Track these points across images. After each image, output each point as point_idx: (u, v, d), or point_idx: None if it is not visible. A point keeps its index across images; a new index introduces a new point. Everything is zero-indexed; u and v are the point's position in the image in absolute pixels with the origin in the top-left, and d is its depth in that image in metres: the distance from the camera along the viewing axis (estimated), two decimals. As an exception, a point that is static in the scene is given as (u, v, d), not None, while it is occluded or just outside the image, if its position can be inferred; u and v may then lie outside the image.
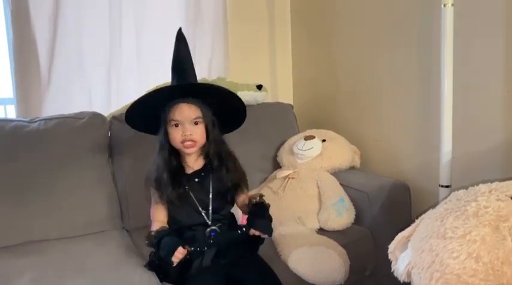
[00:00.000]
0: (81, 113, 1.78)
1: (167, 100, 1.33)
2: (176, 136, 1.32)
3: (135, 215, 1.73)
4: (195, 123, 1.32)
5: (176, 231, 1.34)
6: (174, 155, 1.36)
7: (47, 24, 1.89)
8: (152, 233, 1.28)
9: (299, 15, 2.42)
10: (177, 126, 1.32)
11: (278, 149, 2.00)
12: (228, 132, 1.46)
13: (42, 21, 1.88)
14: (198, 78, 1.42)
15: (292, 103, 2.28)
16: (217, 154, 1.37)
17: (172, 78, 1.37)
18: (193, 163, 1.38)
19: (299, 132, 2.06)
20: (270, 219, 1.34)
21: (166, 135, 1.34)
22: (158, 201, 1.35)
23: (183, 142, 1.32)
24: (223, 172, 1.37)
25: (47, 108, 1.92)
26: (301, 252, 1.46)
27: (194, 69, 1.39)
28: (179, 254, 1.22)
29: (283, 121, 2.11)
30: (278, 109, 2.15)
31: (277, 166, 1.98)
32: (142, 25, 2.06)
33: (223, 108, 1.37)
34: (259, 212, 1.33)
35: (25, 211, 1.57)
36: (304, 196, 1.73)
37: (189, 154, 1.36)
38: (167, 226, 1.34)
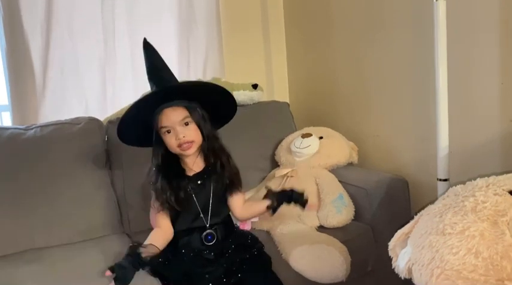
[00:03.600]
0: (78, 119, 1.77)
1: (151, 109, 1.31)
2: (171, 142, 1.31)
3: (135, 219, 1.73)
4: (185, 124, 1.31)
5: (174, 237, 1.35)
6: (172, 161, 1.35)
7: (39, 30, 1.88)
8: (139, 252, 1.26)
9: (293, 12, 2.42)
10: (169, 132, 1.31)
11: (276, 148, 2.00)
12: (223, 124, 1.45)
13: (34, 27, 1.87)
14: (194, 79, 1.40)
15: (288, 101, 2.28)
16: (212, 150, 1.36)
17: (151, 87, 1.35)
18: (193, 165, 1.37)
19: (296, 130, 2.06)
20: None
21: (160, 143, 1.33)
22: (160, 209, 1.34)
23: (179, 146, 1.31)
24: (218, 167, 1.36)
25: (43, 114, 1.92)
26: (302, 250, 1.46)
27: (170, 71, 1.36)
28: None
29: (280, 120, 2.11)
30: (274, 107, 2.15)
31: (275, 164, 1.98)
32: (135, 28, 2.05)
33: (212, 101, 1.36)
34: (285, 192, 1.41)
35: (24, 219, 1.57)
36: (303, 194, 1.74)
37: (188, 155, 1.34)
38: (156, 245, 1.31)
